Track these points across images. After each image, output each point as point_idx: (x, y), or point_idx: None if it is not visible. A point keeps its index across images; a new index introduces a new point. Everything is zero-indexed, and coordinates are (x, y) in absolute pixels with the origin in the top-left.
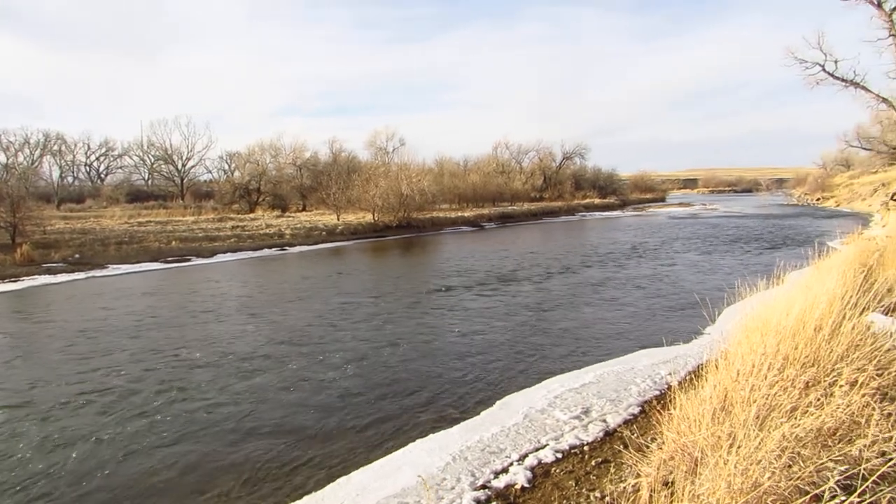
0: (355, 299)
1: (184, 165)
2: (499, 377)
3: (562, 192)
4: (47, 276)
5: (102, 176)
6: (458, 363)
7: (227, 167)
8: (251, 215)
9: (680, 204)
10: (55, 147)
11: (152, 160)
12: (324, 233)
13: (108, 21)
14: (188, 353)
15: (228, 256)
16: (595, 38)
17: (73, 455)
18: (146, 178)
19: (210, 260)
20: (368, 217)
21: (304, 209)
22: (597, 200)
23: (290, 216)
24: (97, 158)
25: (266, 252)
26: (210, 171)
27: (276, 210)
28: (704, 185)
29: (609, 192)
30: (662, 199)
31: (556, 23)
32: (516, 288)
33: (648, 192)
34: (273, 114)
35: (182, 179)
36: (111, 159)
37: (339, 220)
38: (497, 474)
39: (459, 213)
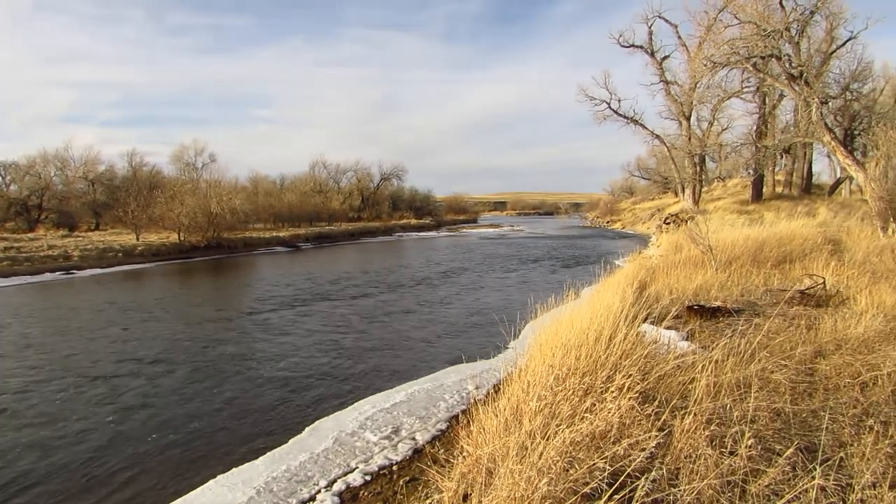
0: (150, 327)
1: None
2: (310, 402)
3: (380, 213)
4: None
5: None
6: (265, 390)
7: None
8: (30, 235)
9: (490, 225)
10: None
11: None
12: (120, 254)
13: None
14: None
15: None
16: (411, 64)
17: None
18: None
19: None
20: (174, 237)
21: (97, 228)
22: (413, 221)
23: (79, 236)
24: None
25: (48, 276)
26: None
27: (62, 229)
28: (512, 208)
29: (425, 212)
30: (475, 221)
31: (373, 46)
32: (329, 309)
33: (462, 213)
34: (59, 121)
35: None
36: None
37: (138, 240)
38: None
39: (274, 233)
